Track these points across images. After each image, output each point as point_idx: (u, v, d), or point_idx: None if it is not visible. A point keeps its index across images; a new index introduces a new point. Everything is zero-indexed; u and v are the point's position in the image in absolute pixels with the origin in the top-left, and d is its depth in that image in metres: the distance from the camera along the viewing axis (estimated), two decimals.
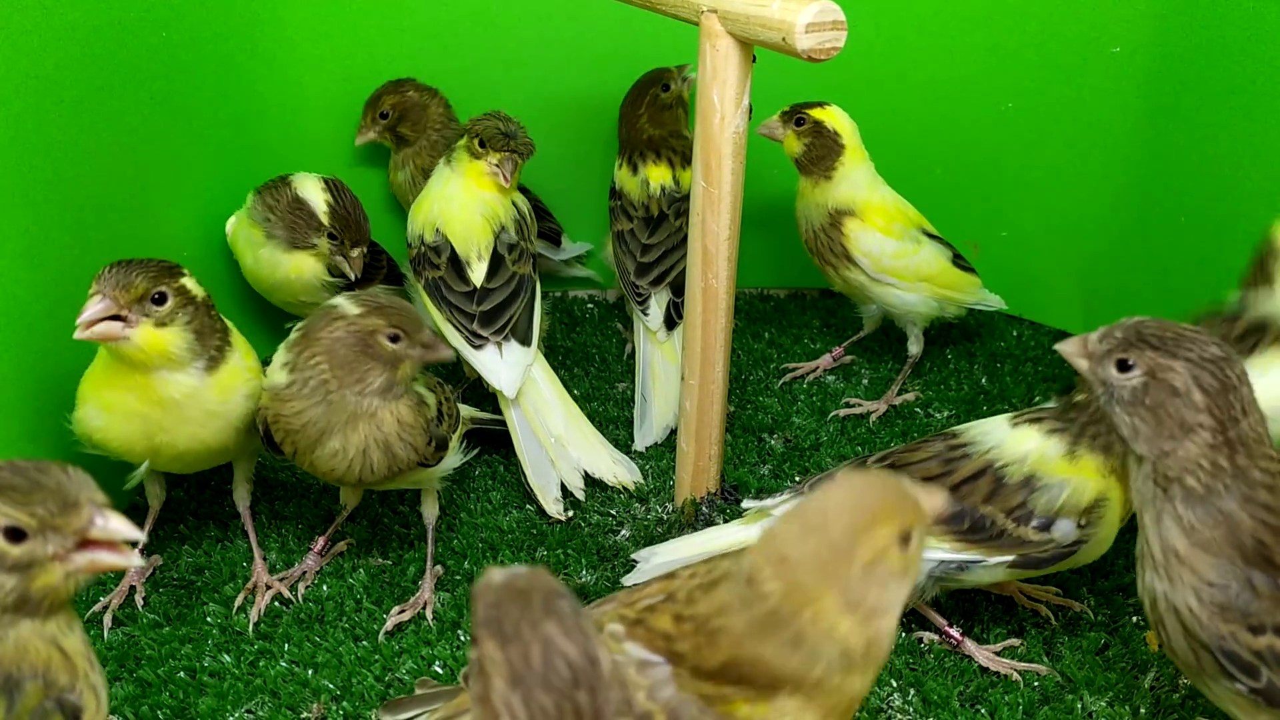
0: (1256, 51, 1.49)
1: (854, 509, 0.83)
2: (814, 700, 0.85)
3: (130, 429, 1.23)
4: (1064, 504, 1.18)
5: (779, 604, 0.83)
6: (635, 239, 1.74)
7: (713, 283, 1.36)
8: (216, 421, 1.26)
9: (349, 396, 1.21)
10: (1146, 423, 0.96)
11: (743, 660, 0.85)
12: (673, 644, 0.88)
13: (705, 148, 1.29)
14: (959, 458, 1.23)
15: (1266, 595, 0.94)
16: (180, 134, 1.58)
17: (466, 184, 1.56)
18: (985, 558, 1.20)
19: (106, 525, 0.83)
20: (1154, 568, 0.99)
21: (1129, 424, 0.97)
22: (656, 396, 1.66)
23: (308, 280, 1.61)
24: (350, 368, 1.20)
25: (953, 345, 1.89)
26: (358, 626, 1.31)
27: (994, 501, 1.19)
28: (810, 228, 1.69)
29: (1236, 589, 0.94)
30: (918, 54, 1.82)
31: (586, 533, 1.46)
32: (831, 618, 0.82)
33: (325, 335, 1.21)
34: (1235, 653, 0.94)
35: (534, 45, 1.82)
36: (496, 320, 1.51)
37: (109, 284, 1.15)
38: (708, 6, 1.24)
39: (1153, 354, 0.95)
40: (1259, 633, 0.94)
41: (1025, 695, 1.22)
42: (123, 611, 1.32)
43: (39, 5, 1.26)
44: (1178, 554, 0.96)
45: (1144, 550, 1.01)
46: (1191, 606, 0.96)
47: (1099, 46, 1.77)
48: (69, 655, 0.85)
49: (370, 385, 1.21)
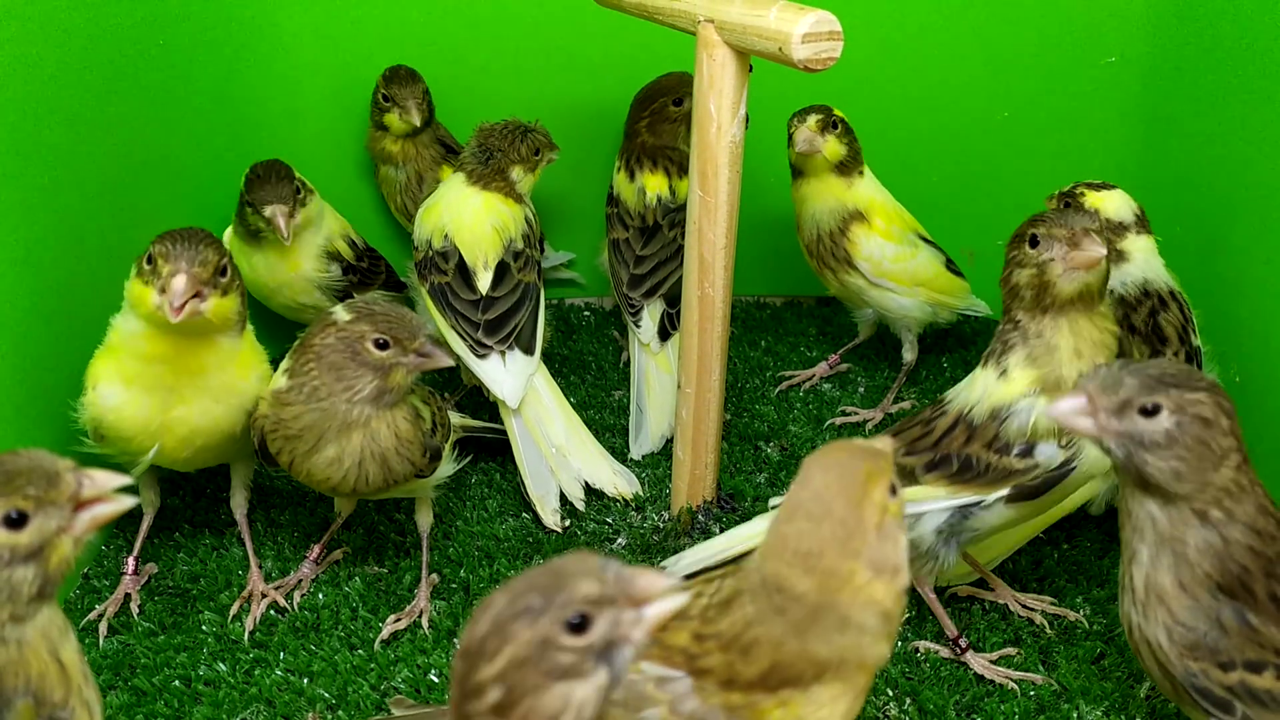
0: (1251, 61, 1.49)
1: (843, 484, 0.86)
2: (848, 681, 0.89)
3: (148, 403, 1.22)
4: (1035, 427, 1.18)
5: (817, 598, 0.86)
6: (630, 248, 1.73)
7: (709, 291, 1.36)
8: (232, 398, 1.26)
9: (339, 404, 1.20)
10: (1187, 461, 0.94)
11: (786, 662, 0.87)
12: (696, 661, 0.89)
13: (702, 157, 1.29)
14: (938, 415, 1.25)
15: (1235, 632, 0.95)
16: (178, 139, 1.58)
17: (484, 196, 1.57)
18: (982, 496, 1.21)
19: (95, 483, 0.85)
20: (1132, 601, 1.00)
21: (1167, 468, 0.94)
22: (651, 407, 1.66)
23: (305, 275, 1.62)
24: (339, 374, 1.20)
25: (948, 353, 1.90)
26: (353, 635, 1.31)
27: (973, 442, 1.21)
28: (817, 231, 1.68)
29: (1204, 629, 0.95)
30: (913, 63, 1.82)
31: (583, 541, 1.46)
32: (867, 587, 0.86)
33: (317, 341, 1.21)
34: (1207, 689, 0.96)
35: (531, 53, 1.82)
36: (501, 329, 1.51)
37: (184, 261, 1.15)
38: (705, 16, 1.24)
39: (1176, 391, 0.94)
40: (1229, 669, 0.95)
41: (1021, 704, 1.22)
42: (118, 620, 1.32)
43: (37, 11, 1.26)
44: (1160, 591, 0.97)
45: (1125, 582, 1.01)
46: (1161, 642, 0.97)
47: (1094, 56, 1.78)
48: (66, 667, 0.85)
49: (359, 392, 1.20)
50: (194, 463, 1.34)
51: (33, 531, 0.82)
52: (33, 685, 0.82)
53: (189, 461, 1.32)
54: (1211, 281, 1.58)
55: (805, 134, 1.61)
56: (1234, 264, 1.54)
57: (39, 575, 0.82)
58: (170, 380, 1.23)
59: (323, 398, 1.20)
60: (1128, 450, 0.95)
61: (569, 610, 0.71)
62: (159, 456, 1.26)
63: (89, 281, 1.36)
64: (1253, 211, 1.50)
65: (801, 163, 1.65)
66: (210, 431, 1.27)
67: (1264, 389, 1.47)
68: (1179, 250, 1.67)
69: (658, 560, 1.42)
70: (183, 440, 1.26)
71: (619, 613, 0.73)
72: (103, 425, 1.24)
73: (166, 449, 1.26)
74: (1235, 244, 1.54)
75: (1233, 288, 1.55)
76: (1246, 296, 1.51)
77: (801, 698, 0.88)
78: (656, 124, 1.76)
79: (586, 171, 1.91)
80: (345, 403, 1.20)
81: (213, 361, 1.24)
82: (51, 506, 0.83)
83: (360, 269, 1.70)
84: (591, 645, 0.72)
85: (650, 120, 1.76)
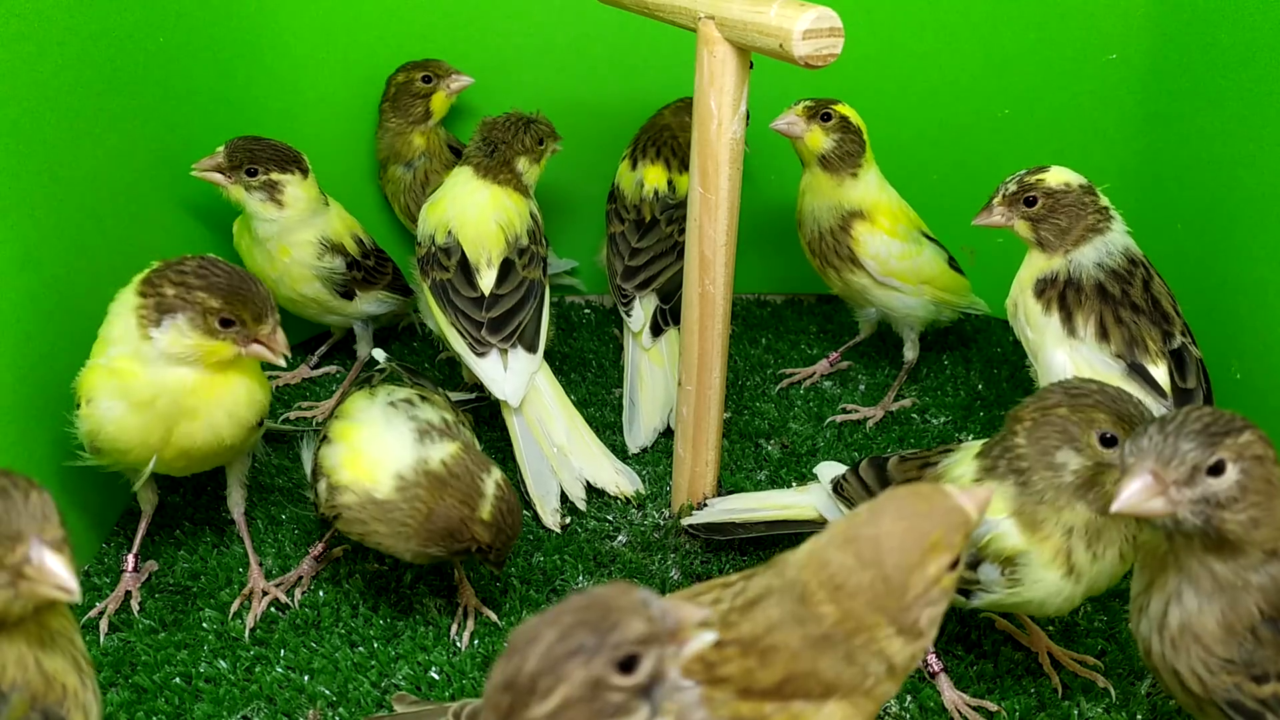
0: (1251, 59, 1.49)
1: (906, 543, 0.84)
2: (859, 706, 0.88)
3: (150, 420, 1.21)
4: (987, 547, 1.10)
5: (833, 628, 0.85)
6: (625, 241, 1.73)
7: (710, 288, 1.36)
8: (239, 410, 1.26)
9: None
10: (1261, 506, 0.90)
11: (799, 674, 0.87)
12: (715, 669, 0.88)
13: (702, 153, 1.29)
14: (932, 465, 1.21)
15: (1269, 643, 0.92)
16: (177, 139, 1.58)
17: (490, 189, 1.57)
18: None
19: (41, 566, 0.80)
20: (1156, 630, 0.96)
21: (1246, 519, 0.89)
22: (644, 400, 1.66)
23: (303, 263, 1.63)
24: None
25: (949, 351, 1.89)
26: (354, 632, 1.31)
27: None
28: (818, 229, 1.68)
29: (1240, 650, 0.92)
30: (914, 60, 1.82)
31: (583, 538, 1.46)
32: (882, 641, 0.85)
33: None
34: (1239, 701, 0.93)
35: (532, 50, 1.82)
36: (505, 327, 1.50)
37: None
38: (705, 12, 1.24)
39: (1230, 440, 0.90)
40: (1263, 681, 0.92)
41: (1022, 702, 1.22)
42: (118, 617, 1.32)
43: (36, 11, 1.26)
44: (1199, 633, 0.93)
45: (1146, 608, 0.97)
46: (1197, 672, 0.94)
47: (1095, 53, 1.77)
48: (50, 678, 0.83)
49: None
50: (191, 469, 1.34)
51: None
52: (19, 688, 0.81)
53: (186, 469, 1.33)
54: (1212, 281, 1.58)
55: (788, 115, 1.62)
56: (1234, 264, 1.54)
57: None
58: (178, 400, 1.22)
59: None
60: (1205, 515, 0.89)
61: (621, 651, 0.72)
62: (157, 466, 1.26)
63: (89, 281, 1.36)
64: (1253, 211, 1.50)
65: (798, 151, 1.66)
66: (213, 444, 1.27)
67: (1264, 389, 1.47)
68: (1179, 250, 1.67)
69: (657, 558, 1.43)
70: (182, 452, 1.26)
71: (663, 649, 0.74)
72: (99, 439, 1.23)
73: (165, 459, 1.26)
74: (1235, 244, 1.54)
75: (1233, 288, 1.54)
76: (1246, 296, 1.51)
77: (813, 711, 0.88)
78: (683, 111, 1.76)
79: (587, 169, 1.90)
80: None
81: (220, 381, 1.23)
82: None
83: (366, 266, 1.70)
84: (639, 684, 0.73)
85: (680, 105, 1.78)
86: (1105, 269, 1.36)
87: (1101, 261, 1.36)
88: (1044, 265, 1.39)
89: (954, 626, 1.31)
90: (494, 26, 1.81)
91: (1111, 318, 1.34)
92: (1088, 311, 1.34)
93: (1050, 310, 1.37)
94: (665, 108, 1.80)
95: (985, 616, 1.32)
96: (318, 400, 1.73)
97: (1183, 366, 1.33)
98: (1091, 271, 1.36)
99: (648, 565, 1.41)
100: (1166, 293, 1.39)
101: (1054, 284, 1.37)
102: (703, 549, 1.44)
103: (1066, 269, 1.37)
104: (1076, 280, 1.36)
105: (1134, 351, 1.33)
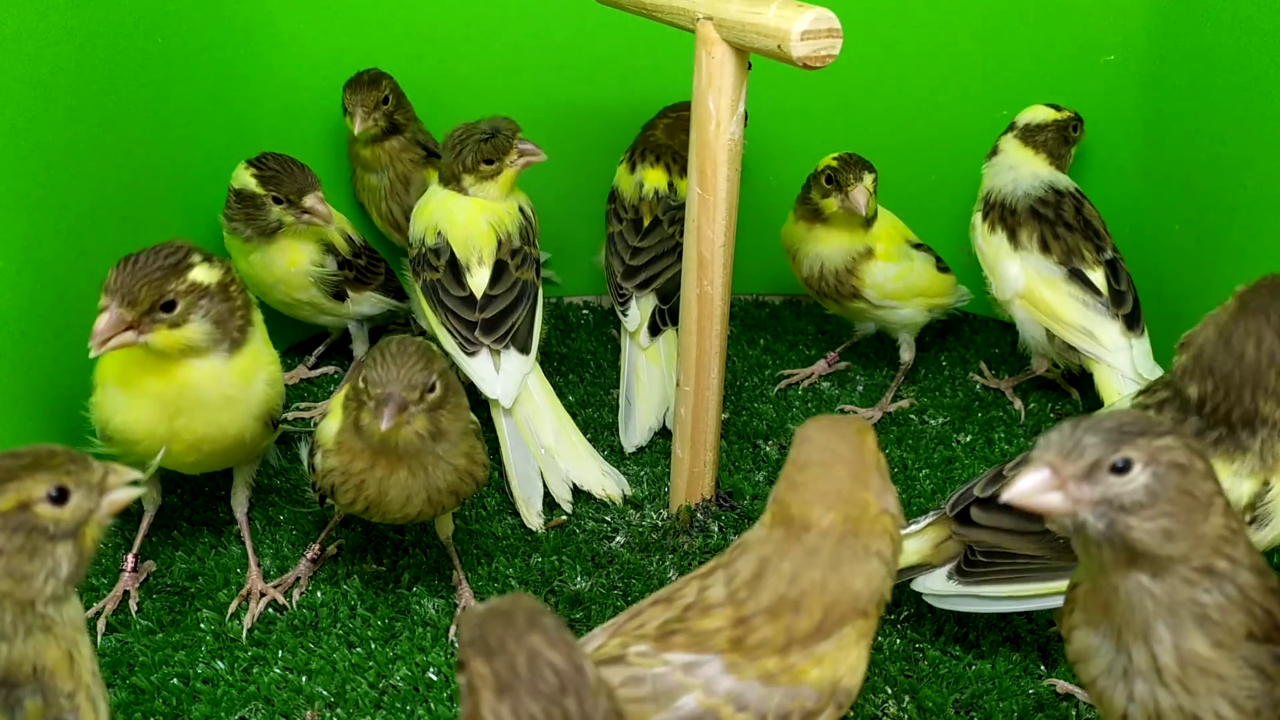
0: (1250, 60, 1.49)
1: (841, 435, 0.96)
2: (868, 620, 0.95)
3: (152, 411, 1.22)
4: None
5: (841, 530, 0.93)
6: (624, 241, 1.73)
7: (708, 289, 1.36)
8: (237, 406, 1.26)
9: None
10: (1174, 516, 0.82)
11: (833, 602, 0.93)
12: (746, 639, 0.92)
13: (700, 154, 1.29)
14: None
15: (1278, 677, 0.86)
16: (176, 138, 1.58)
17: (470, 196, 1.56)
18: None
19: (115, 470, 0.89)
20: (1158, 682, 0.87)
21: (1155, 529, 0.82)
22: (640, 399, 1.66)
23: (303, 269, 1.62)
24: None
25: (946, 352, 1.90)
26: (352, 633, 1.31)
27: None
28: (820, 270, 1.68)
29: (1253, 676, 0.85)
30: (913, 61, 1.82)
31: (581, 539, 1.46)
32: (879, 517, 0.95)
33: None
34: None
35: (529, 51, 1.82)
36: (498, 328, 1.50)
37: (115, 297, 1.14)
38: (703, 13, 1.24)
39: (1143, 440, 0.82)
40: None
41: (1020, 703, 1.22)
42: (116, 618, 1.32)
43: (34, 10, 1.26)
44: (1200, 661, 0.85)
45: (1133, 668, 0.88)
46: (1228, 715, 0.86)
47: (1093, 55, 1.77)
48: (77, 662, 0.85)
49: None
50: (202, 466, 1.34)
51: (73, 508, 0.85)
52: (43, 677, 0.82)
53: (197, 465, 1.33)
54: (1211, 281, 1.58)
55: (863, 194, 1.57)
56: (1234, 264, 1.54)
57: (76, 553, 0.85)
58: (169, 393, 1.22)
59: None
60: (1109, 519, 0.82)
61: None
62: (167, 460, 1.26)
63: (89, 280, 1.36)
64: (1253, 211, 1.50)
65: (831, 212, 1.62)
66: (218, 438, 1.27)
67: None
68: (1179, 250, 1.67)
69: (655, 559, 1.43)
70: (190, 446, 1.26)
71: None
72: (109, 428, 1.25)
73: (174, 453, 1.26)
74: (1235, 244, 1.54)
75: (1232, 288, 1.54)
76: None
77: (833, 649, 0.92)
78: (675, 129, 1.75)
79: (584, 169, 1.90)
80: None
81: (204, 375, 1.23)
82: (86, 486, 0.86)
83: (357, 266, 1.69)
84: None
85: (671, 123, 1.77)
86: (1027, 200, 1.63)
87: (1029, 193, 1.64)
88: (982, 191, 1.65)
89: (954, 626, 1.32)
90: (493, 27, 1.81)
91: (1050, 234, 1.61)
92: (1029, 229, 1.61)
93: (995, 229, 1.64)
94: (657, 122, 1.79)
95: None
96: (316, 400, 1.73)
97: (1116, 273, 1.59)
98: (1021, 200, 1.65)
99: (646, 566, 1.42)
100: (1097, 216, 1.63)
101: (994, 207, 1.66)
102: (701, 550, 1.44)
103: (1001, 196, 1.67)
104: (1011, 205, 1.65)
105: (1072, 259, 1.59)
